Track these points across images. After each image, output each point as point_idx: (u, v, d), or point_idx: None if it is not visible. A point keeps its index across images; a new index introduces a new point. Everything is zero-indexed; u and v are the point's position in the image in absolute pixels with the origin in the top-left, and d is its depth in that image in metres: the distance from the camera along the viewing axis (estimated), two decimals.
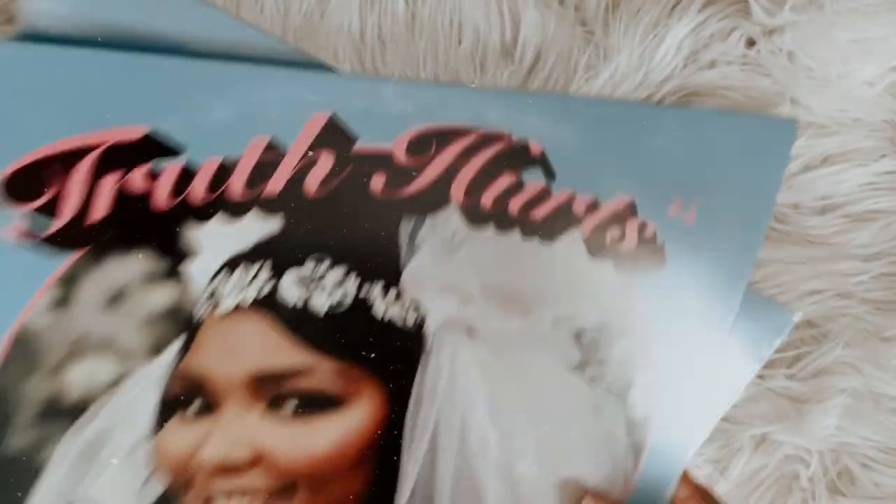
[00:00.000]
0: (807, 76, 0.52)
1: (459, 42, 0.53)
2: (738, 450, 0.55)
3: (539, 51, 0.52)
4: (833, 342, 0.54)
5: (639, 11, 0.53)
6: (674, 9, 0.53)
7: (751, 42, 0.54)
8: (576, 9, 0.53)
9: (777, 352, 0.55)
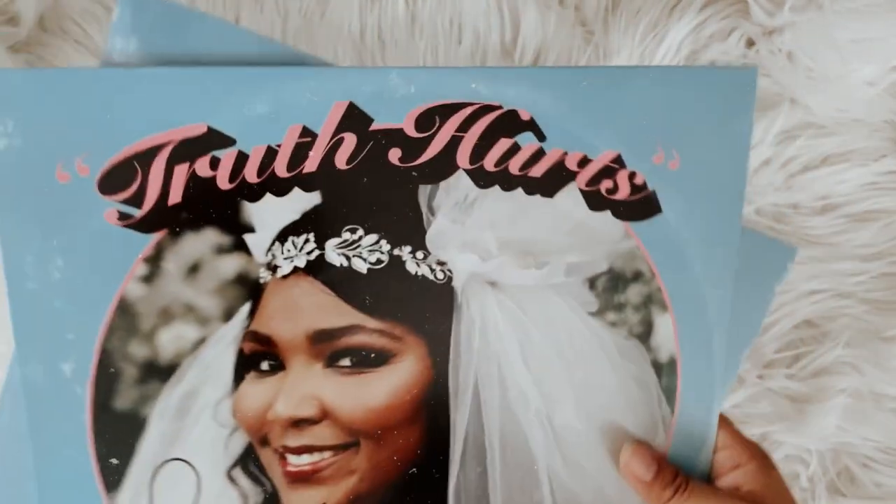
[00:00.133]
0: (806, 76, 0.52)
1: (459, 42, 0.53)
2: None
3: (539, 51, 0.53)
4: (833, 342, 0.54)
5: (639, 11, 0.53)
6: (674, 9, 0.53)
7: (750, 42, 0.54)
8: (576, 9, 0.53)
9: (777, 352, 0.55)
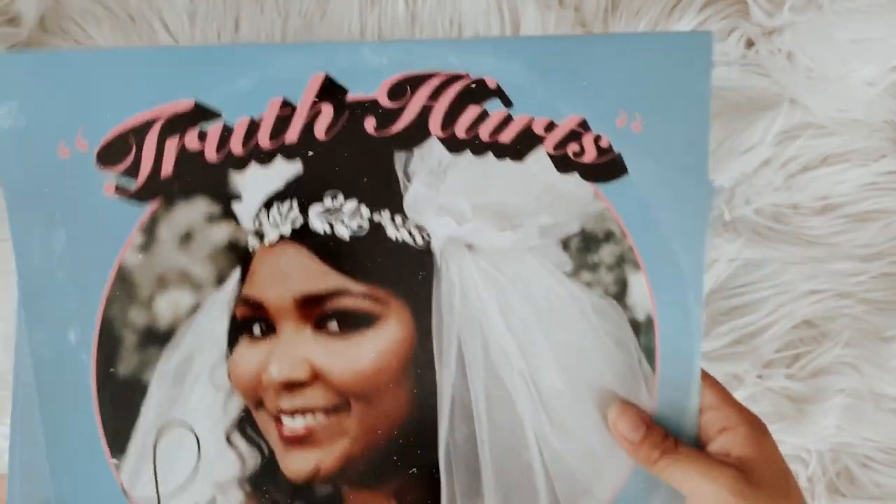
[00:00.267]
0: (806, 77, 0.52)
1: None
2: None
3: None
4: (832, 342, 0.54)
5: (638, 12, 0.53)
6: (673, 9, 0.53)
7: (750, 42, 0.54)
8: (575, 9, 0.53)
9: (776, 351, 0.55)
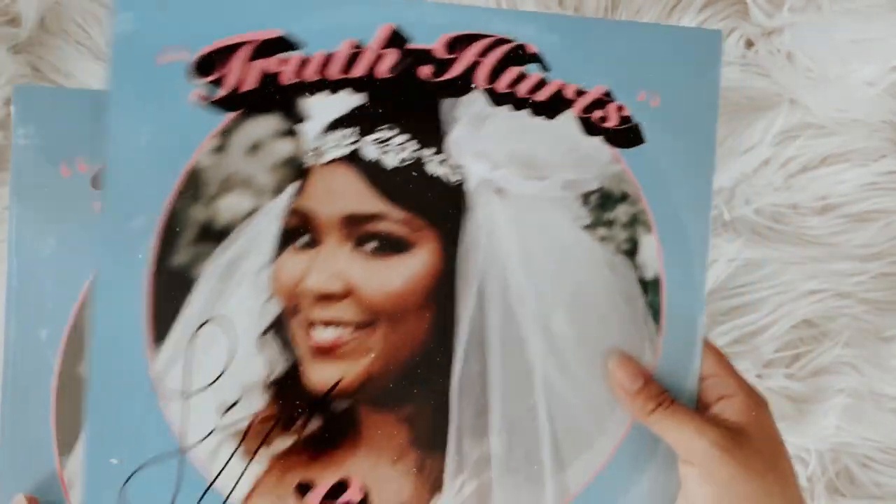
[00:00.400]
0: (806, 77, 0.52)
1: None
2: None
3: None
4: (832, 342, 0.54)
5: (638, 12, 0.53)
6: (673, 10, 0.53)
7: (749, 43, 0.54)
8: (575, 10, 0.53)
9: (776, 351, 0.55)
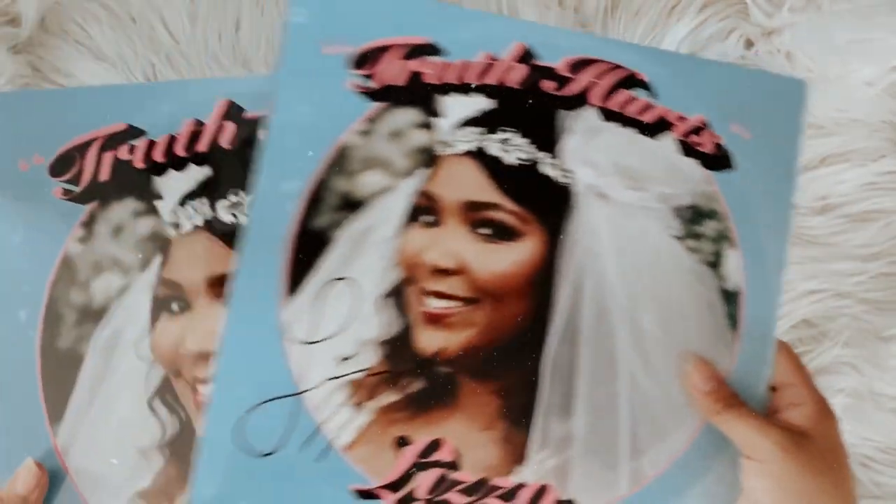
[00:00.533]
0: (806, 77, 0.52)
1: None
2: None
3: None
4: (832, 342, 0.54)
5: (638, 12, 0.54)
6: (673, 10, 0.54)
7: (749, 43, 0.54)
8: (575, 10, 0.54)
9: None
